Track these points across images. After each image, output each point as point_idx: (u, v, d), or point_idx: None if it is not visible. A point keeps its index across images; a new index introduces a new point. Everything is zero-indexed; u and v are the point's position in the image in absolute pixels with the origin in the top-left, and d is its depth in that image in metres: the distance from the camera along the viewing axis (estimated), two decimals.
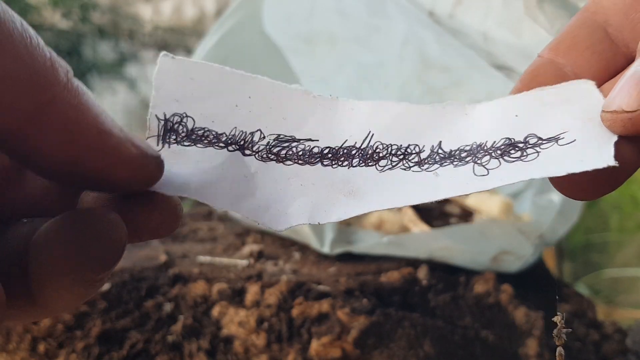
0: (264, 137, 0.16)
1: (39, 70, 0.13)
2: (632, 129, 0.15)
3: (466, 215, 0.59)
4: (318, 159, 0.17)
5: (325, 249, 0.50)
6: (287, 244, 0.56)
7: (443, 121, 0.17)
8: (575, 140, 0.16)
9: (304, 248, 0.55)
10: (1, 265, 0.14)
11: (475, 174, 0.16)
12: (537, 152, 0.16)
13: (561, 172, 0.15)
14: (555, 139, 0.16)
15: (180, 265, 0.49)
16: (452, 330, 0.45)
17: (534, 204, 0.53)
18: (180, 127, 0.16)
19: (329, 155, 0.17)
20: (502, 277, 0.50)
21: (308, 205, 0.16)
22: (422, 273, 0.47)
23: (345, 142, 0.17)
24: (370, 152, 0.17)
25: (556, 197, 0.52)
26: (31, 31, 0.13)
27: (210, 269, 0.49)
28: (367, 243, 0.50)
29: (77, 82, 0.14)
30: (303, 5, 0.67)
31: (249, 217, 0.15)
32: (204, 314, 0.45)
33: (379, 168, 0.16)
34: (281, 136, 0.17)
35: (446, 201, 0.60)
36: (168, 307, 0.45)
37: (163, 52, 0.16)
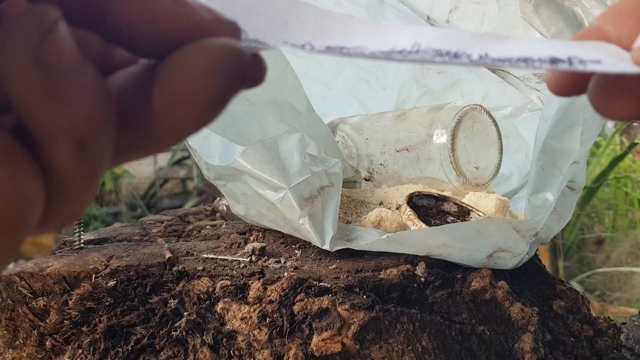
0: (313, 48, 0.17)
1: None
2: None
3: (463, 213, 0.60)
4: (370, 56, 0.17)
5: (326, 247, 0.51)
6: (288, 242, 0.57)
7: (483, 42, 0.18)
8: (616, 63, 0.17)
9: (304, 245, 0.55)
10: (122, 98, 0.15)
11: (530, 68, 0.17)
12: (584, 66, 0.17)
13: (616, 70, 0.16)
14: (597, 62, 0.17)
15: (185, 262, 0.50)
16: (449, 326, 0.45)
17: (529, 203, 0.53)
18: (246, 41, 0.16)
19: (380, 54, 0.17)
20: (498, 274, 0.50)
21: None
22: (420, 270, 0.48)
23: (394, 48, 0.17)
24: (421, 53, 0.17)
25: (551, 196, 0.53)
26: None
27: (214, 266, 0.49)
28: (367, 240, 0.51)
29: None
30: None
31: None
32: (207, 310, 0.45)
33: (434, 62, 0.17)
34: (331, 46, 0.17)
35: (444, 200, 0.61)
36: (172, 303, 0.45)
37: None
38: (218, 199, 0.72)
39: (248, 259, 0.51)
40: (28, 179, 0.13)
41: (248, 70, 0.15)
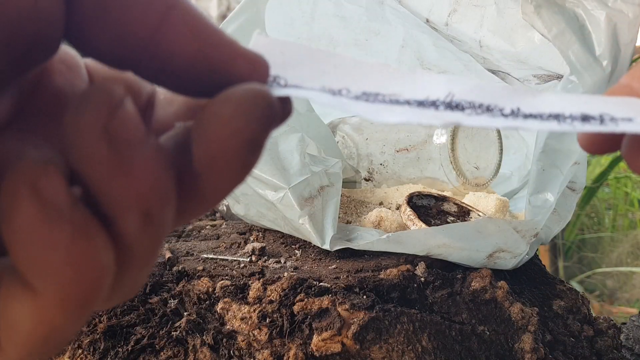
0: (350, 92, 0.17)
1: None
2: None
3: (463, 213, 0.60)
4: (405, 104, 0.17)
5: (326, 246, 0.51)
6: (288, 242, 0.57)
7: (515, 95, 0.18)
8: None
9: (304, 245, 0.55)
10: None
11: (562, 128, 0.17)
12: (616, 124, 0.17)
13: None
14: (629, 120, 0.17)
15: (185, 262, 0.50)
16: (449, 326, 0.45)
17: (529, 203, 0.53)
18: (275, 83, 0.17)
19: (415, 103, 0.17)
20: (498, 274, 0.51)
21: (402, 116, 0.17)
22: (420, 270, 0.48)
23: (428, 97, 0.17)
24: (454, 104, 0.17)
25: (551, 196, 0.53)
26: None
27: (214, 266, 0.49)
28: (367, 240, 0.51)
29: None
30: (304, 10, 0.68)
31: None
32: (207, 310, 0.45)
33: (466, 114, 0.17)
34: (367, 91, 0.17)
35: (444, 200, 0.61)
36: (172, 303, 0.46)
37: (257, 31, 0.18)
38: None
39: (248, 259, 0.51)
40: (102, 251, 0.13)
41: (275, 108, 0.15)
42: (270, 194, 0.53)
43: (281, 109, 0.16)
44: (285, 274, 0.46)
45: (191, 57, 0.15)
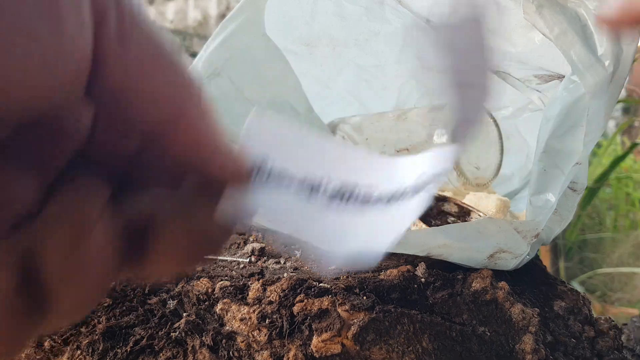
0: (330, 183, 0.19)
1: (181, 84, 0.15)
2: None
3: (464, 214, 0.59)
4: (377, 202, 0.19)
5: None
6: (288, 242, 0.56)
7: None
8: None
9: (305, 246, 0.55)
10: (126, 225, 0.16)
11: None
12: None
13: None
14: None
15: None
16: (450, 327, 0.45)
17: (530, 204, 0.53)
18: (260, 171, 0.19)
19: (385, 199, 0.19)
20: (499, 275, 0.50)
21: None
22: (421, 270, 0.48)
23: (400, 186, 0.20)
24: (419, 188, 0.20)
25: (552, 197, 0.52)
26: (178, 53, 0.15)
27: (213, 267, 0.49)
28: None
29: (205, 98, 0.16)
30: (304, 9, 0.68)
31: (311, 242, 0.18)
32: (206, 310, 0.45)
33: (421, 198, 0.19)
34: (345, 183, 0.19)
35: (444, 200, 0.61)
36: (172, 304, 0.45)
37: (256, 107, 0.20)
38: None
39: (247, 260, 0.51)
40: (29, 329, 0.14)
41: (218, 243, 0.17)
42: None
43: (223, 237, 0.18)
44: (285, 275, 0.46)
45: (183, 162, 0.16)
